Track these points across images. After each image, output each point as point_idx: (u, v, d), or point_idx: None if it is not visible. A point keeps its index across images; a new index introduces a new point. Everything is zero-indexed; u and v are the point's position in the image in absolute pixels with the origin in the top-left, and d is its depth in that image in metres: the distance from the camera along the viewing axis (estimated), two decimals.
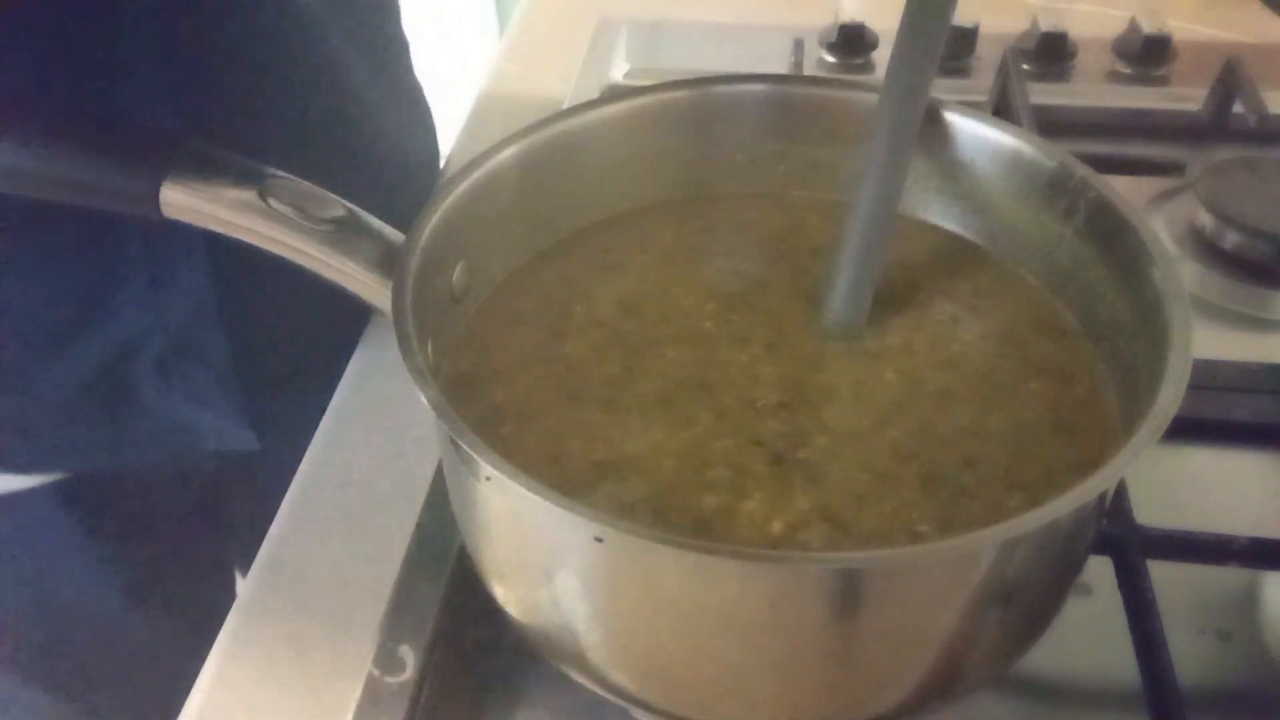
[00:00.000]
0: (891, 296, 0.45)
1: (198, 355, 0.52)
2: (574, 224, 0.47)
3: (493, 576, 0.39)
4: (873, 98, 0.44)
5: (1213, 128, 0.74)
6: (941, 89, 0.76)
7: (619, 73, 0.80)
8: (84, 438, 0.54)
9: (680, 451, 0.39)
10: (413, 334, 0.37)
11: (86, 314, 0.49)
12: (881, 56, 0.80)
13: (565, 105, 0.79)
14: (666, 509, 0.38)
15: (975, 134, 0.46)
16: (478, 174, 0.43)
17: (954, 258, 0.47)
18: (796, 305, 0.45)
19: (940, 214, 0.48)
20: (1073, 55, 0.79)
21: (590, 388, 0.42)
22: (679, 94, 0.47)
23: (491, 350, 0.43)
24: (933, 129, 0.46)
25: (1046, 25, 0.78)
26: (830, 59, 0.80)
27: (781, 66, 0.78)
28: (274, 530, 0.52)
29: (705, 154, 0.48)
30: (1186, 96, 0.76)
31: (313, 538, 0.51)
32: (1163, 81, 0.79)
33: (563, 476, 0.38)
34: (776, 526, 0.37)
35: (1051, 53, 0.78)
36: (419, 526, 0.50)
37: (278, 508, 0.53)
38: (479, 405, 0.41)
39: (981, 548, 0.33)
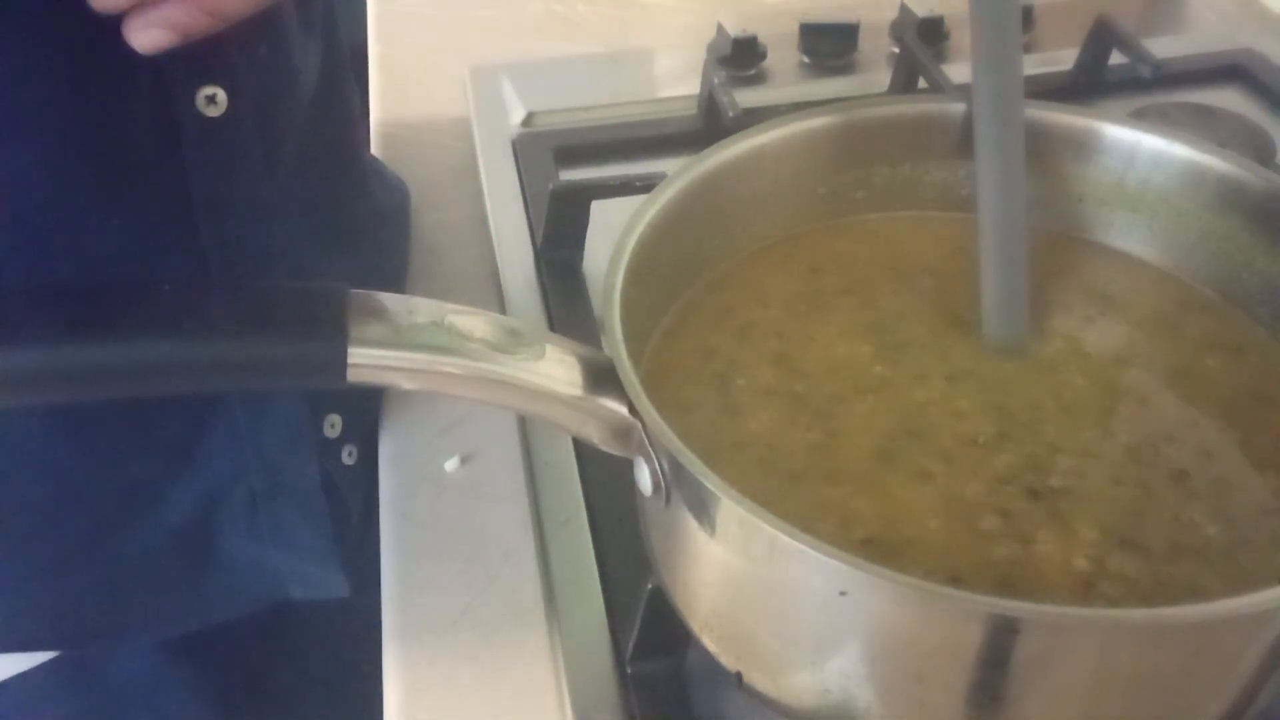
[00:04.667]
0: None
1: (290, 489, 0.46)
2: (703, 275, 0.45)
3: (787, 669, 0.36)
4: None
5: (1089, 84, 0.78)
6: (831, 88, 0.79)
7: (520, 119, 0.76)
8: (162, 600, 0.46)
9: (938, 509, 0.37)
10: (680, 442, 0.33)
11: (179, 459, 0.42)
12: (772, 65, 0.80)
13: (476, 161, 0.74)
14: (963, 573, 0.35)
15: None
16: (634, 248, 0.40)
17: (1065, 253, 0.47)
18: (947, 328, 0.44)
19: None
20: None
21: (803, 462, 0.39)
22: (826, 120, 0.46)
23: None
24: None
25: (923, 11, 0.81)
26: (724, 73, 0.79)
27: (682, 88, 0.77)
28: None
29: (842, 180, 0.47)
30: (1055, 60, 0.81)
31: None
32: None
33: None
34: (1081, 563, 0.36)
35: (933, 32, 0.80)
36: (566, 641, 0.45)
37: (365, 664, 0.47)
38: None
39: None
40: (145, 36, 0.35)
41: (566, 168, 0.70)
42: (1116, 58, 0.76)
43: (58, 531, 0.46)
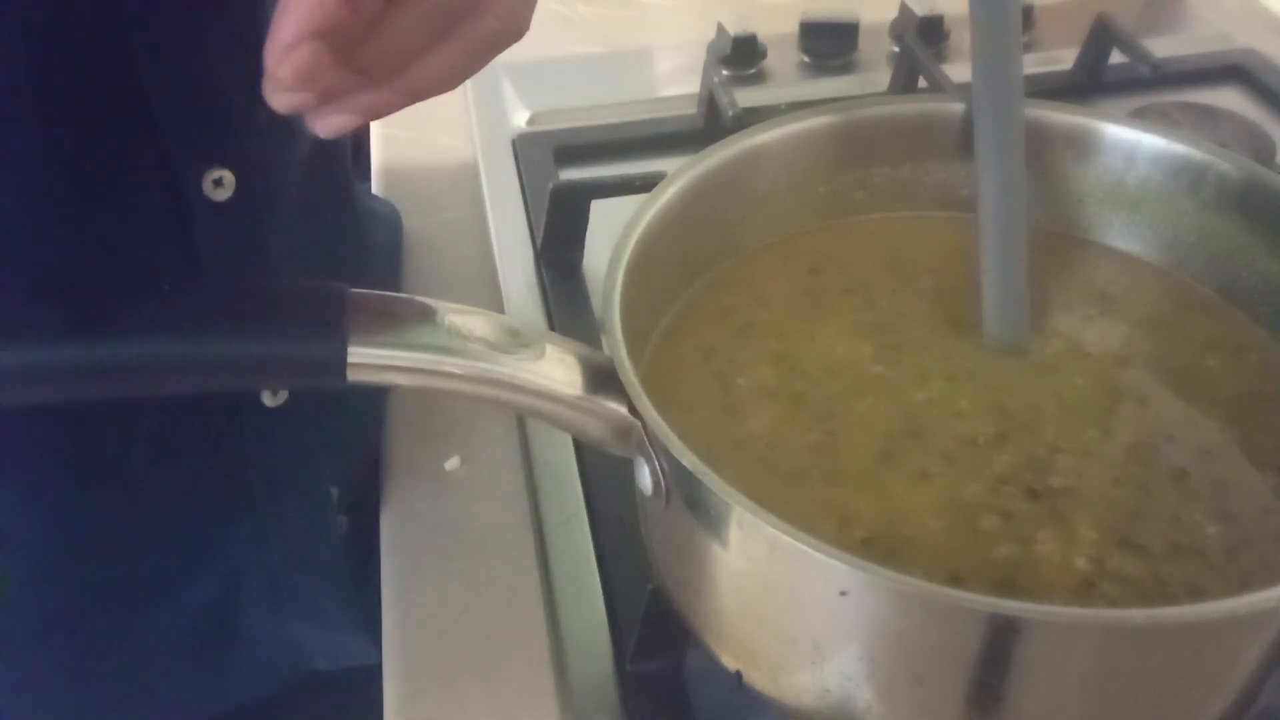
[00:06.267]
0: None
1: (311, 561, 0.45)
2: (703, 275, 0.45)
3: (783, 670, 0.36)
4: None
5: (1089, 84, 0.78)
6: (831, 88, 0.79)
7: (520, 119, 0.76)
8: (184, 685, 0.45)
9: (937, 509, 0.37)
10: (680, 442, 0.33)
11: (199, 549, 0.41)
12: (772, 64, 0.80)
13: (476, 161, 0.74)
14: (963, 574, 0.36)
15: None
16: (634, 248, 0.40)
17: (1065, 253, 0.47)
18: (947, 329, 0.44)
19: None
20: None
21: (803, 462, 0.39)
22: (826, 120, 0.46)
23: None
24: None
25: (923, 10, 0.81)
26: (724, 72, 0.79)
27: (682, 88, 0.77)
28: None
29: (843, 180, 0.47)
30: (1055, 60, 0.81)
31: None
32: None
33: None
34: (1081, 564, 0.36)
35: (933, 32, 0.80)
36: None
37: None
38: None
39: None
40: (331, 122, 0.32)
41: (566, 168, 0.70)
42: (1116, 57, 0.76)
43: (76, 631, 0.45)
